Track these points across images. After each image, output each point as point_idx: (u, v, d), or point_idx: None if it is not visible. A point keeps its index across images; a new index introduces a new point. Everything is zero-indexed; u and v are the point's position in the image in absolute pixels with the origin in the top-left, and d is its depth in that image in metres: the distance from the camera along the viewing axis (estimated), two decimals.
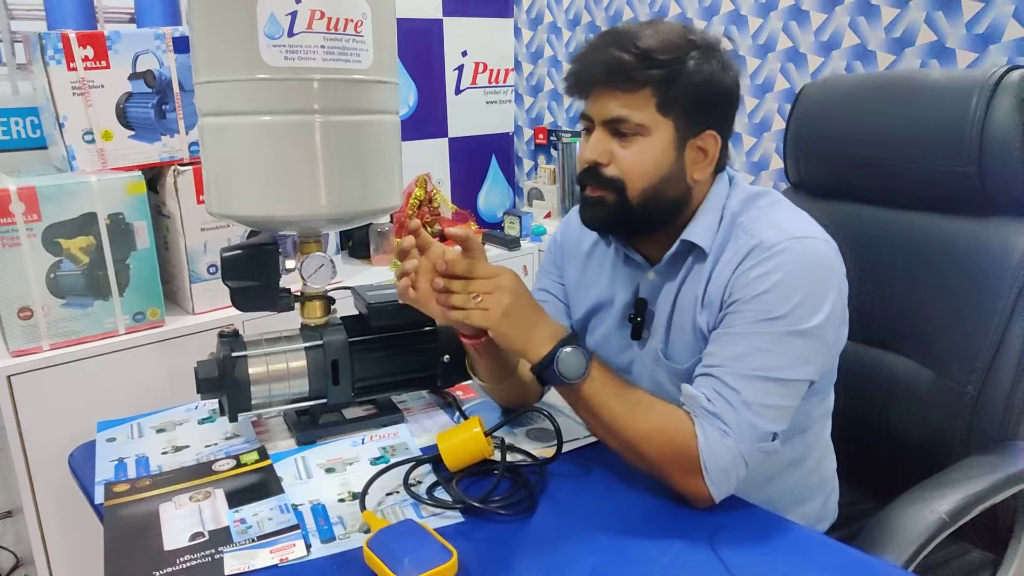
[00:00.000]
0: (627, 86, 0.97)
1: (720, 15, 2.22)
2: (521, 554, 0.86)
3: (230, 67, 0.98)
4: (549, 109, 2.82)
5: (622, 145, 0.99)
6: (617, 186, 0.99)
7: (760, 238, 0.96)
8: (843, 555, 0.86)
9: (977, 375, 1.13)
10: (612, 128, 0.99)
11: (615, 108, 0.98)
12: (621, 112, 0.97)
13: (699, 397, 0.93)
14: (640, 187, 0.99)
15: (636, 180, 0.99)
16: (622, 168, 0.99)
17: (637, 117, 0.97)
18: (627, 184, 0.99)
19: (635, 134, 0.98)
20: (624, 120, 0.97)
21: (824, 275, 0.95)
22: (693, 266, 1.03)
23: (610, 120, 0.98)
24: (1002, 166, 1.11)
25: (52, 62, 1.56)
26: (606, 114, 0.99)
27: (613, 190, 1.00)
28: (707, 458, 0.90)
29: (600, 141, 1.00)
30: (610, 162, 0.99)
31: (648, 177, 0.99)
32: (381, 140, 1.07)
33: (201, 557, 0.84)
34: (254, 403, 1.07)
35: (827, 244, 0.97)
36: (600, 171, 1.00)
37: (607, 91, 0.98)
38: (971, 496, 0.99)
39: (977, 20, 1.73)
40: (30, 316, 1.51)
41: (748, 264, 0.96)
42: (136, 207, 1.59)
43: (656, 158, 0.99)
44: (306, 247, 1.09)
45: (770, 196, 1.05)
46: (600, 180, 1.00)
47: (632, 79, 0.96)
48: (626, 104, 0.97)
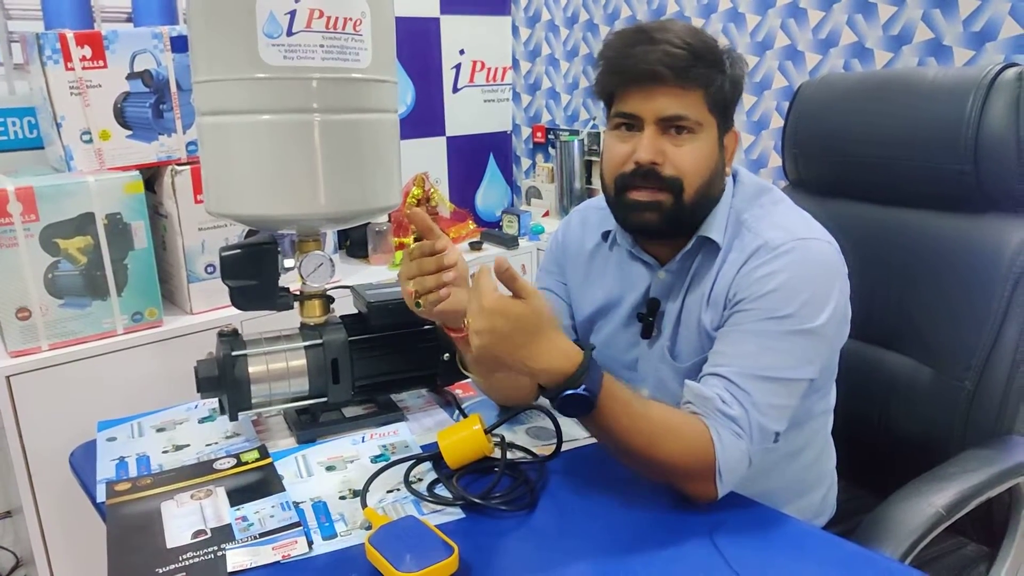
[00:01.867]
0: (685, 83, 0.96)
1: (719, 12, 2.23)
2: (522, 550, 0.87)
3: (229, 66, 0.98)
4: (547, 107, 2.82)
5: (675, 143, 0.97)
6: (675, 186, 0.98)
7: (765, 238, 0.97)
8: (841, 549, 0.86)
9: (973, 370, 1.14)
10: (665, 127, 0.97)
11: (673, 106, 0.96)
12: (679, 110, 0.96)
13: (715, 399, 0.91)
14: (696, 186, 0.99)
15: (693, 179, 0.98)
16: (679, 167, 0.98)
17: (694, 115, 0.97)
18: (684, 183, 0.98)
19: (690, 132, 0.97)
20: (683, 118, 0.96)
21: (828, 276, 0.96)
22: (702, 264, 1.03)
23: (667, 118, 0.97)
24: (997, 164, 1.12)
25: (49, 62, 1.56)
26: (661, 112, 0.97)
27: (670, 191, 0.98)
28: (723, 463, 0.89)
29: (654, 140, 0.97)
30: (664, 161, 0.98)
31: (702, 175, 0.99)
32: (380, 139, 1.07)
33: (204, 554, 0.85)
34: (254, 402, 1.07)
35: (830, 245, 0.98)
36: (658, 171, 0.98)
37: (663, 88, 0.96)
38: (967, 490, 1.00)
39: (974, 18, 1.73)
40: (28, 316, 1.51)
41: (753, 264, 0.96)
42: (134, 207, 1.59)
43: (708, 155, 0.99)
44: (305, 246, 1.09)
45: (772, 194, 1.05)
46: (658, 181, 0.98)
47: (689, 76, 0.95)
48: (684, 102, 0.96)
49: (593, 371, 0.87)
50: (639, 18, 2.44)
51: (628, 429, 0.90)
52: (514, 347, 0.85)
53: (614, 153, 1.01)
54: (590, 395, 0.86)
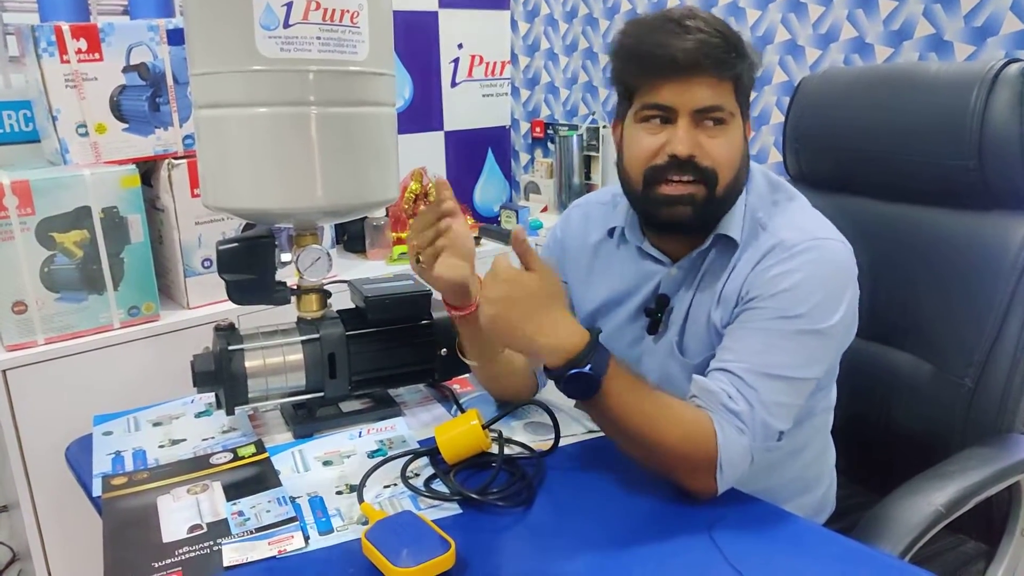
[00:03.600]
0: (723, 74, 0.94)
1: (719, 7, 2.22)
2: (519, 545, 0.87)
3: (226, 58, 0.98)
4: (546, 102, 2.81)
5: (710, 135, 0.96)
6: (710, 179, 0.96)
7: (781, 237, 0.96)
8: (840, 545, 0.86)
9: (975, 368, 1.13)
10: (699, 118, 0.95)
11: (711, 96, 0.94)
12: (716, 101, 0.95)
13: (720, 394, 0.91)
14: (728, 178, 0.98)
15: (727, 171, 0.97)
16: (714, 159, 0.96)
17: (729, 105, 0.96)
18: (719, 175, 0.97)
19: (723, 123, 0.96)
20: (719, 108, 0.95)
21: (842, 277, 0.96)
22: (715, 261, 1.02)
23: (704, 109, 0.95)
24: (1001, 160, 1.11)
25: (45, 54, 1.55)
26: (699, 103, 0.94)
27: (704, 183, 0.96)
28: (724, 457, 0.89)
29: (690, 132, 0.95)
30: (700, 154, 0.96)
31: (734, 167, 0.98)
32: (377, 132, 1.06)
33: (200, 549, 0.84)
34: (251, 396, 1.07)
35: (844, 246, 0.97)
36: (696, 162, 0.95)
37: (701, 79, 0.94)
38: (967, 488, 1.00)
39: (975, 13, 1.73)
40: (24, 310, 1.50)
41: (768, 262, 0.96)
42: (130, 201, 1.59)
43: (739, 146, 0.99)
44: (302, 240, 1.09)
45: (786, 190, 1.04)
46: (696, 172, 0.96)
47: (727, 67, 0.94)
48: (719, 92, 0.95)
49: (600, 352, 0.89)
50: (639, 11, 2.43)
51: (631, 412, 0.90)
52: (524, 318, 0.88)
53: (644, 146, 0.98)
54: (595, 375, 0.87)
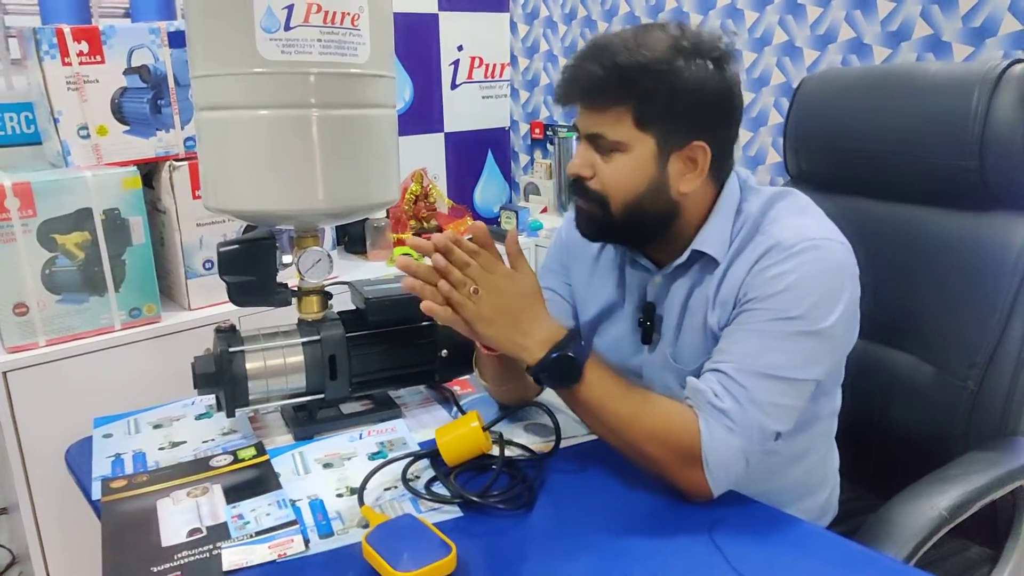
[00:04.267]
0: (601, 104, 0.96)
1: (717, 9, 2.22)
2: (520, 548, 0.86)
3: (227, 61, 0.98)
4: (545, 104, 2.82)
5: (604, 160, 0.98)
6: (600, 200, 0.99)
7: (777, 238, 0.96)
8: (842, 548, 0.86)
9: (977, 370, 1.13)
10: (593, 143, 0.99)
11: (593, 125, 0.98)
12: (598, 129, 0.97)
13: (706, 392, 0.92)
14: (622, 202, 0.98)
15: (617, 195, 0.98)
16: (603, 183, 0.99)
17: (613, 134, 0.96)
18: (610, 199, 0.99)
19: (613, 150, 0.97)
20: (601, 136, 0.97)
21: (839, 277, 0.95)
22: (702, 272, 1.02)
23: (590, 135, 0.99)
24: (1004, 161, 1.11)
25: (47, 57, 1.55)
26: (586, 129, 0.99)
27: (597, 204, 0.99)
28: (709, 453, 0.90)
29: (584, 155, 1.00)
30: (594, 175, 0.99)
31: (628, 193, 0.98)
32: (378, 134, 1.06)
33: (199, 553, 0.84)
34: (251, 398, 1.07)
35: (843, 246, 0.97)
36: (585, 185, 1.00)
37: (585, 107, 0.98)
38: (970, 492, 0.99)
39: (973, 14, 1.73)
40: (26, 312, 1.50)
41: (764, 264, 0.95)
42: (131, 202, 1.59)
43: (635, 174, 0.97)
44: (303, 242, 1.09)
45: (789, 196, 1.03)
46: (585, 194, 1.00)
47: (606, 97, 0.95)
48: (602, 121, 0.96)
49: (578, 341, 0.96)
50: (637, 14, 2.43)
51: (611, 401, 0.94)
52: (522, 311, 0.95)
53: None
54: (577, 357, 0.94)
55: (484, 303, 0.94)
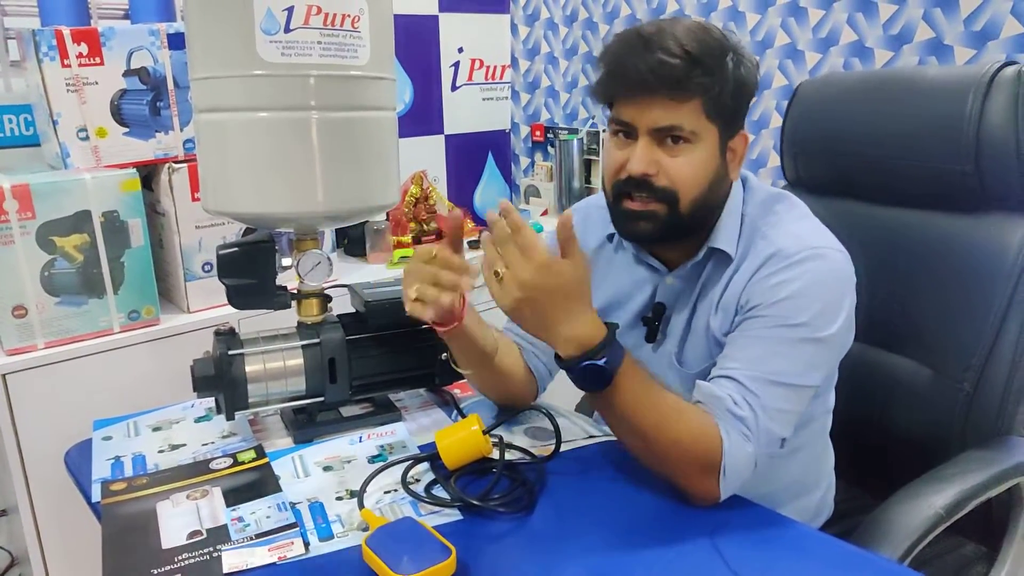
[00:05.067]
0: (680, 94, 0.93)
1: (718, 11, 2.22)
2: (520, 552, 0.86)
3: (226, 63, 0.98)
4: (546, 106, 2.82)
5: (670, 154, 0.95)
6: (669, 197, 0.96)
7: (778, 246, 0.96)
8: (841, 550, 0.86)
9: (973, 371, 1.13)
10: (660, 136, 0.95)
11: (667, 116, 0.94)
12: (673, 121, 0.94)
13: (726, 400, 0.91)
14: (692, 196, 0.97)
15: (688, 190, 0.96)
16: (674, 178, 0.96)
17: (690, 125, 0.94)
18: (680, 194, 0.96)
19: (686, 142, 0.95)
20: (678, 128, 0.94)
21: (841, 287, 0.96)
22: (713, 271, 1.02)
23: (661, 128, 0.95)
24: (998, 163, 1.11)
25: (46, 59, 1.55)
26: (655, 122, 0.95)
27: (664, 201, 0.97)
28: (728, 463, 0.89)
29: (647, 151, 0.95)
30: (658, 172, 0.96)
31: (699, 186, 0.97)
32: (378, 137, 1.06)
33: (199, 555, 0.84)
34: (251, 401, 1.07)
35: (843, 255, 0.98)
36: (651, 182, 0.96)
37: (657, 98, 0.94)
38: (967, 491, 1.00)
39: (975, 17, 1.73)
40: (24, 314, 1.50)
41: (766, 271, 0.96)
42: (131, 205, 1.58)
43: (706, 165, 0.97)
44: (303, 244, 1.09)
45: (786, 201, 1.04)
46: (651, 191, 0.96)
47: (684, 87, 0.93)
48: (678, 112, 0.94)
49: (615, 347, 0.89)
50: (639, 16, 2.44)
51: (641, 410, 0.91)
52: (551, 306, 0.87)
53: (611, 160, 1.00)
54: (608, 368, 0.87)
55: (506, 290, 0.87)
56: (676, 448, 0.91)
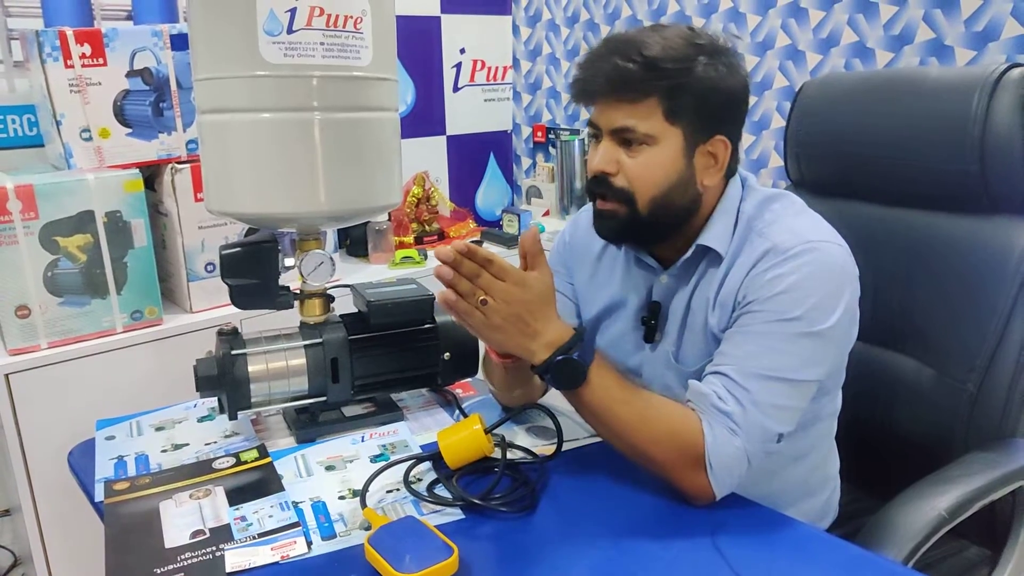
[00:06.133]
0: (632, 96, 0.95)
1: (719, 12, 2.22)
2: (522, 551, 0.86)
3: (229, 64, 0.98)
4: (547, 107, 2.82)
5: (630, 154, 0.98)
6: (626, 196, 0.98)
7: (774, 241, 0.97)
8: (844, 551, 0.86)
9: (977, 372, 1.13)
10: (619, 137, 0.98)
11: (621, 118, 0.96)
12: (627, 122, 0.96)
13: (710, 395, 0.92)
14: (649, 196, 0.98)
15: (645, 190, 0.98)
16: (630, 178, 0.98)
17: (644, 127, 0.96)
18: (636, 194, 0.98)
19: (642, 143, 0.97)
20: (630, 130, 0.96)
21: (838, 279, 0.96)
22: (707, 269, 1.03)
23: (617, 130, 0.97)
24: (1003, 164, 1.11)
25: (49, 59, 1.55)
26: (612, 124, 0.97)
27: (623, 201, 0.99)
28: (712, 455, 0.90)
29: (608, 151, 0.98)
30: (618, 171, 0.98)
31: (657, 186, 0.98)
32: (381, 137, 1.07)
33: (202, 554, 0.84)
34: (253, 401, 1.07)
35: (841, 248, 0.98)
36: (609, 181, 0.99)
37: (612, 101, 0.97)
38: (970, 492, 1.00)
39: (976, 18, 1.73)
40: (27, 314, 1.51)
41: (762, 267, 0.96)
42: (134, 205, 1.59)
43: (665, 166, 0.98)
44: (305, 245, 1.09)
45: (784, 199, 1.04)
46: (610, 190, 0.99)
47: (637, 89, 0.95)
48: (632, 114, 0.96)
49: (586, 344, 0.94)
50: (639, 18, 2.44)
51: (616, 404, 0.93)
52: (534, 316, 0.93)
53: (589, 160, 1.03)
54: (582, 362, 0.93)
55: (493, 312, 0.91)
56: (656, 446, 0.92)
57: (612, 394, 0.94)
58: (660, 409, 0.94)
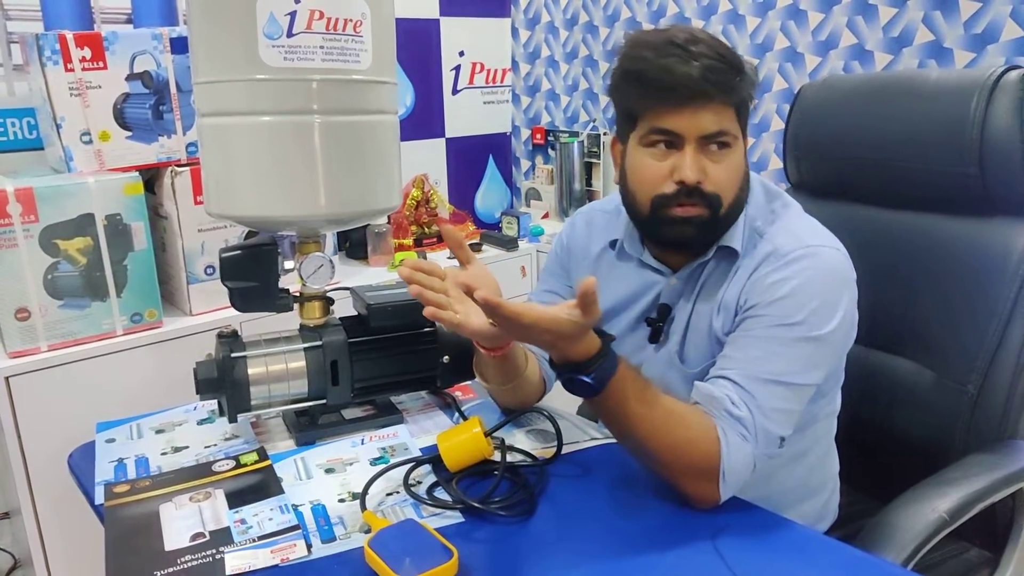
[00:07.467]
0: (726, 100, 0.94)
1: (718, 14, 2.22)
2: (521, 554, 0.86)
3: (229, 67, 0.98)
4: (546, 109, 2.82)
5: (714, 160, 0.96)
6: (714, 202, 0.97)
7: (775, 244, 0.97)
8: (844, 554, 0.86)
9: (977, 374, 1.13)
10: (705, 143, 0.95)
11: (717, 122, 0.94)
12: (723, 126, 0.95)
13: (723, 400, 0.91)
14: (731, 200, 0.98)
15: (729, 194, 0.98)
16: (718, 184, 0.96)
17: (733, 129, 0.96)
18: (722, 199, 0.97)
19: (729, 147, 0.96)
20: (724, 133, 0.95)
21: (838, 283, 0.96)
22: (714, 271, 1.03)
23: (709, 135, 0.95)
24: (1002, 166, 1.11)
25: (49, 63, 1.55)
26: (704, 129, 0.94)
27: (708, 207, 0.97)
28: (727, 465, 0.89)
29: (696, 159, 0.95)
30: (705, 179, 0.96)
31: (736, 189, 0.99)
32: (380, 140, 1.07)
33: (202, 557, 0.84)
34: (253, 404, 1.07)
35: (839, 252, 0.98)
36: (701, 190, 0.96)
37: (705, 105, 0.93)
38: (971, 495, 1.00)
39: (975, 20, 1.73)
40: (27, 317, 1.51)
41: (764, 270, 0.96)
42: (133, 208, 1.59)
43: (741, 168, 0.99)
44: (305, 247, 1.09)
45: (782, 199, 1.05)
46: (701, 199, 0.96)
47: (731, 92, 0.94)
48: (724, 117, 0.95)
49: (608, 359, 0.87)
50: (639, 20, 2.44)
51: (633, 415, 0.90)
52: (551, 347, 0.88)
53: (651, 172, 0.98)
54: (595, 384, 0.86)
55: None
56: (672, 454, 0.91)
57: (629, 404, 0.90)
58: (679, 420, 0.92)
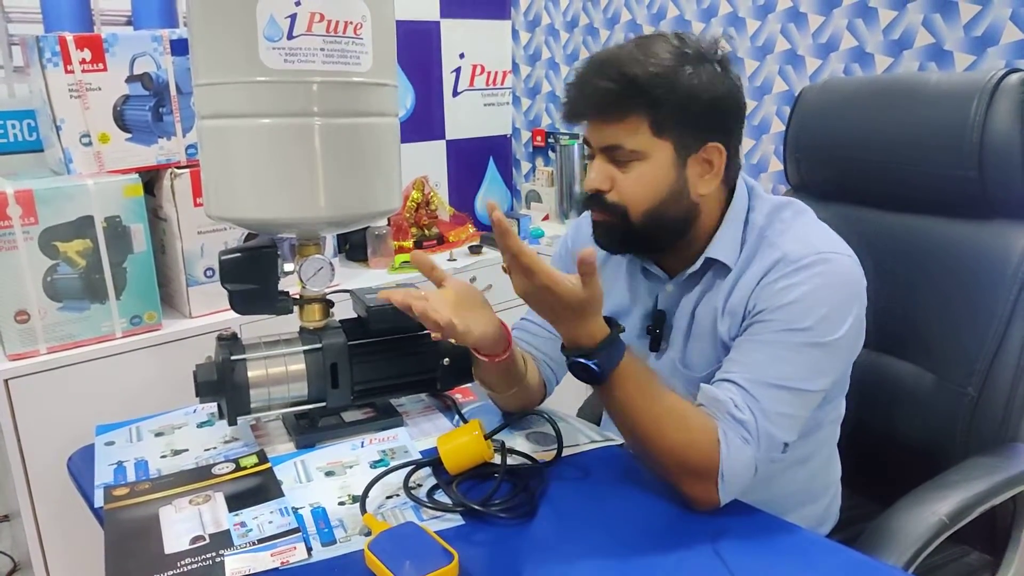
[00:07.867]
0: (616, 115, 0.97)
1: (718, 17, 2.23)
2: (522, 557, 0.86)
3: (229, 69, 0.98)
4: (547, 111, 2.82)
5: (622, 171, 0.99)
6: (620, 211, 0.99)
7: (785, 251, 0.97)
8: (844, 557, 0.86)
9: (977, 377, 1.13)
10: (610, 155, 0.99)
11: (608, 137, 0.98)
12: (615, 140, 0.98)
13: (727, 403, 0.92)
14: (642, 210, 0.99)
15: (638, 204, 0.99)
16: (623, 194, 0.99)
17: (631, 144, 0.97)
18: (629, 209, 0.99)
19: (632, 160, 0.98)
20: (619, 147, 0.98)
21: (848, 291, 0.96)
22: (713, 280, 1.03)
23: (606, 148, 0.99)
24: (1002, 169, 1.11)
25: (49, 65, 1.55)
26: (602, 142, 0.99)
27: (616, 215, 1.00)
28: (726, 467, 0.90)
29: (601, 168, 1.00)
30: (612, 188, 1.00)
31: (649, 200, 0.99)
32: (380, 143, 1.06)
33: (202, 560, 0.84)
34: (253, 406, 1.07)
35: (851, 259, 0.98)
36: (603, 198, 1.00)
37: (598, 121, 0.99)
38: (971, 498, 1.00)
39: (975, 23, 1.73)
40: (27, 319, 1.51)
41: (773, 276, 0.96)
42: (133, 210, 1.59)
43: (656, 181, 0.98)
44: (305, 250, 1.09)
45: (794, 206, 1.04)
46: (603, 206, 1.00)
47: (619, 108, 0.96)
48: (618, 132, 0.97)
49: (614, 348, 0.91)
50: (639, 22, 2.44)
51: (636, 411, 0.92)
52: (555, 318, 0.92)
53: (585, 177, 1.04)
54: (599, 371, 0.90)
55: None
56: (671, 453, 0.92)
57: (632, 399, 0.92)
58: (681, 419, 0.92)
